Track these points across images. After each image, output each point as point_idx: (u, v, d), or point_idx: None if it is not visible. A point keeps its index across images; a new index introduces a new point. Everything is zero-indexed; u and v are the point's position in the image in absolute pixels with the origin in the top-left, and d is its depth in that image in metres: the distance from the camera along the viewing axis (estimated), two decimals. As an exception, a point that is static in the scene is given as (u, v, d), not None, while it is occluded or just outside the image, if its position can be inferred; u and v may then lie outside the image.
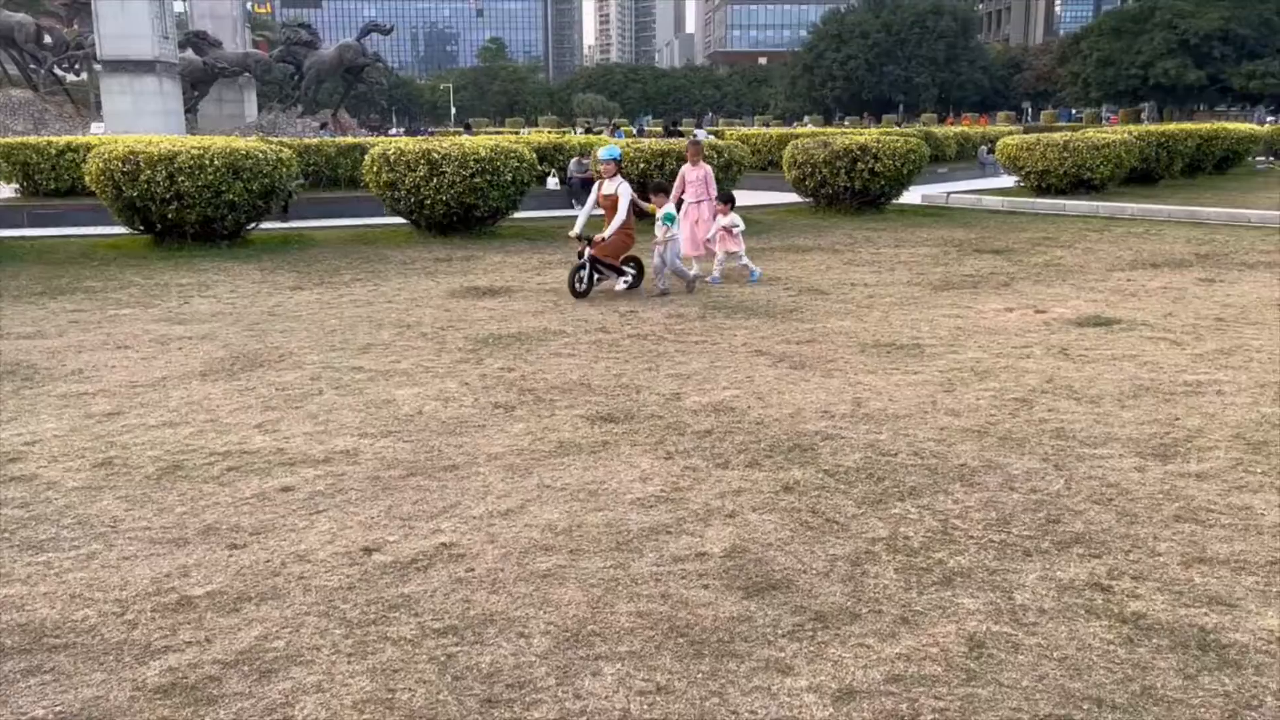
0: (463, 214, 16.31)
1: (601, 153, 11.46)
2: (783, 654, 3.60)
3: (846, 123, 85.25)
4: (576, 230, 11.12)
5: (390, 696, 3.36)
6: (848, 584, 4.13)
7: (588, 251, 10.90)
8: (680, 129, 40.65)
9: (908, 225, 18.30)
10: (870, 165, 19.11)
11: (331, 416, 6.62)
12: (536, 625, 3.82)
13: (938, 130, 39.66)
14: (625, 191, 11.01)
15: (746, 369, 7.78)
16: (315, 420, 6.53)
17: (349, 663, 3.58)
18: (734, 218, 12.26)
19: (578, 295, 10.85)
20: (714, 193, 12.60)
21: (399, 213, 16.70)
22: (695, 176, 12.64)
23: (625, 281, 11.36)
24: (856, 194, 19.64)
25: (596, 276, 11.08)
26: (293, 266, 13.50)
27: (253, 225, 15.83)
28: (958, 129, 43.15)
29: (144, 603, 4.01)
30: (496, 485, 5.34)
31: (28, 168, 19.09)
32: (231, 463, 5.71)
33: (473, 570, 4.31)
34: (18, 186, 19.84)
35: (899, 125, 67.83)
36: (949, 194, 23.24)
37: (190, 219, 14.52)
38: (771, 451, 5.79)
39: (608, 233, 10.85)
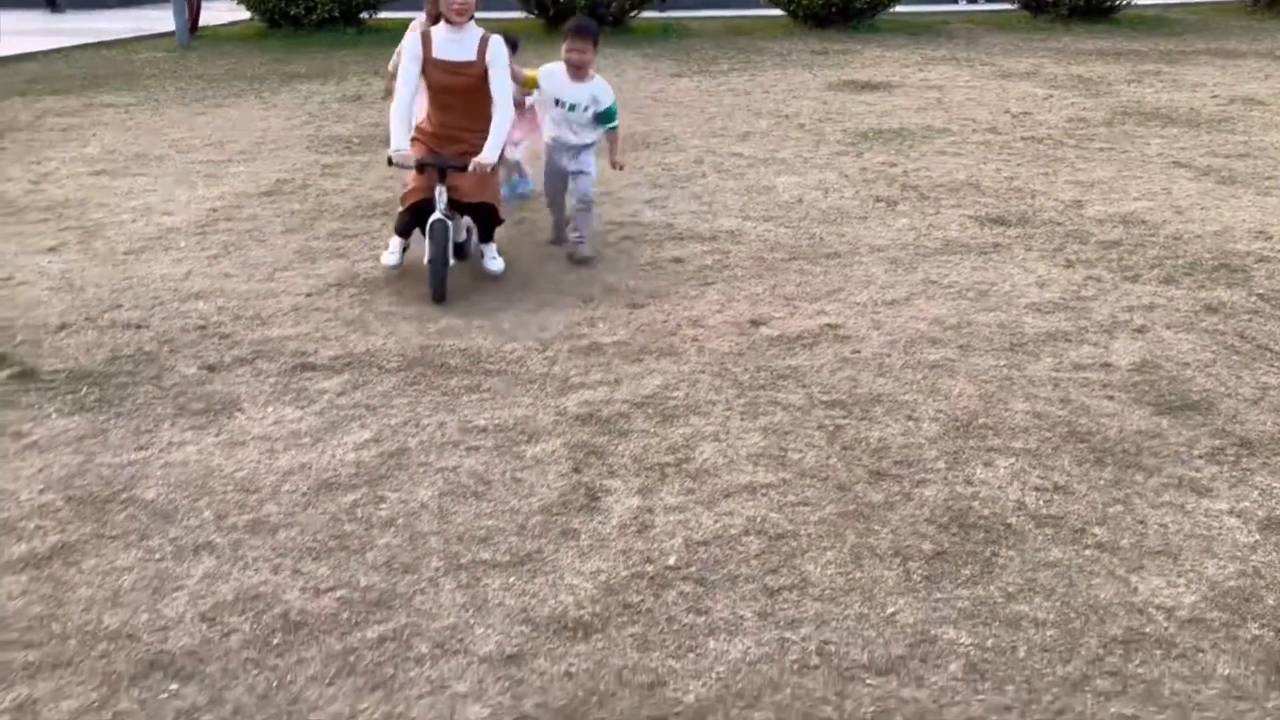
0: (841, 5, 15.60)
1: None
2: (1199, 475, 3.34)
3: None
4: None
5: (782, 454, 3.51)
6: (1282, 414, 3.71)
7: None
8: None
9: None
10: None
11: (715, 198, 6.76)
12: (925, 411, 3.80)
13: None
14: None
15: (1162, 180, 6.97)
16: (699, 200, 6.71)
17: (742, 419, 3.76)
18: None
19: None
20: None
21: (775, 3, 16.25)
22: None
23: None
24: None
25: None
26: (672, 54, 13.67)
27: (634, 12, 16.10)
28: None
29: (560, 344, 4.42)
30: (880, 276, 5.26)
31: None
32: (626, 232, 6.03)
33: (858, 352, 4.32)
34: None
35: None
36: None
37: (580, 4, 15.00)
38: (1191, 269, 5.22)
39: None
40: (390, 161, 4.85)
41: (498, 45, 4.90)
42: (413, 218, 4.98)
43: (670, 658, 2.54)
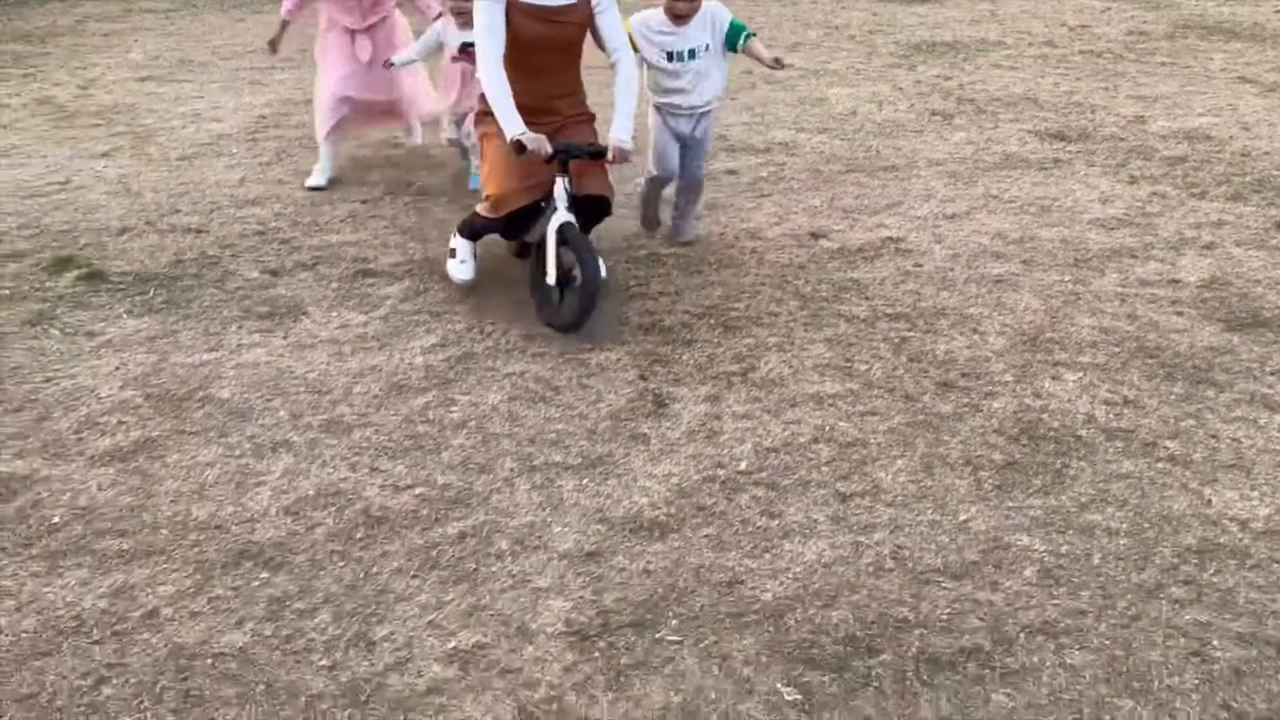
0: (891, -88, 15.04)
1: None
2: (1272, 391, 3.31)
3: None
4: None
5: (848, 365, 3.51)
6: (1356, 333, 3.66)
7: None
8: None
9: None
10: None
11: (766, 110, 6.64)
12: (991, 325, 3.77)
13: None
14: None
15: (1228, 96, 6.77)
16: (751, 112, 6.59)
17: (805, 330, 3.75)
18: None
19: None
20: None
21: (822, -90, 15.71)
22: None
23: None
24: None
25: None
26: (715, -37, 13.30)
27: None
28: None
29: (619, 255, 4.40)
30: (939, 190, 5.17)
31: None
32: (679, 143, 5.95)
33: (920, 266, 4.28)
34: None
35: None
36: None
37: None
38: (1260, 186, 5.09)
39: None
40: (521, 148, 3.49)
41: None
42: (511, 224, 3.85)
43: (746, 558, 2.58)
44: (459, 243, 4.01)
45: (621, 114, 3.73)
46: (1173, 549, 2.60)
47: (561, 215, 3.64)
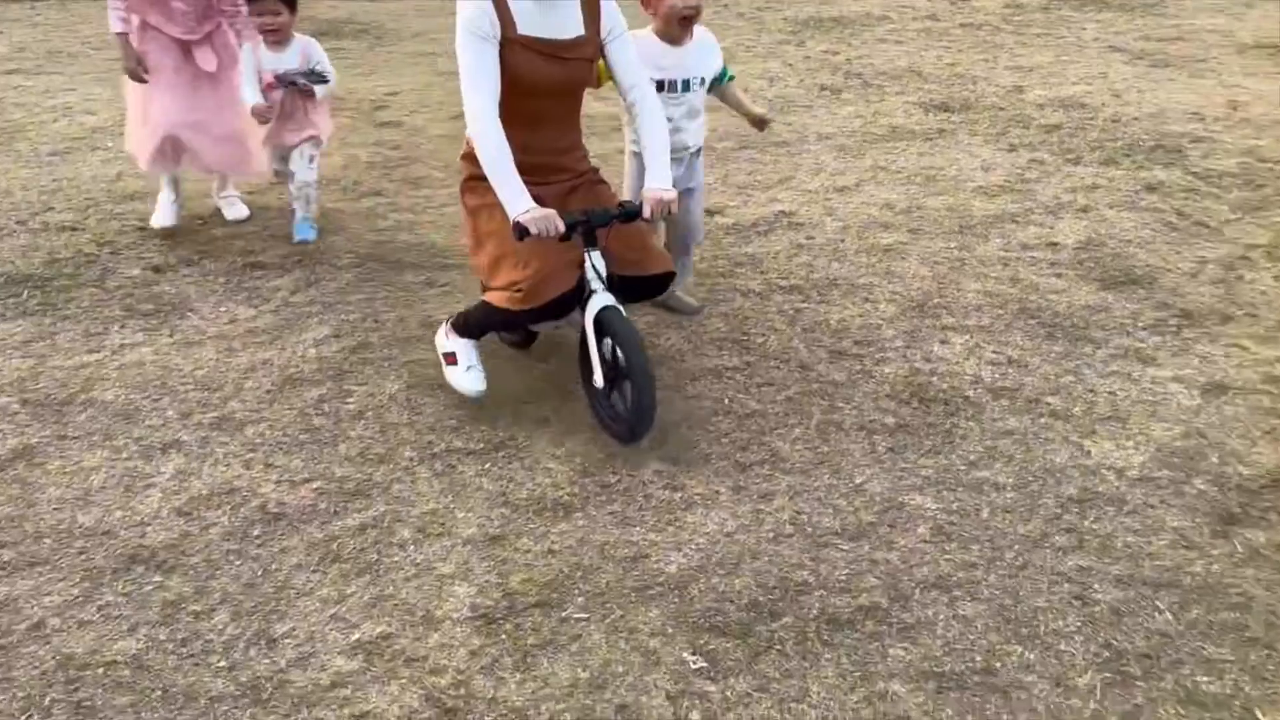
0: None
1: None
2: (1144, 345, 3.47)
3: None
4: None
5: (745, 339, 3.55)
6: (1219, 286, 3.85)
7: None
8: None
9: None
10: None
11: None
12: (881, 293, 3.86)
13: None
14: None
15: (1099, 65, 7.04)
16: (644, 91, 6.60)
17: (703, 306, 3.79)
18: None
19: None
20: None
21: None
22: None
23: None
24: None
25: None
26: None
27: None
28: None
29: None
30: (830, 163, 5.27)
31: None
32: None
33: (812, 239, 4.36)
34: None
35: None
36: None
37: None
38: (1130, 150, 5.32)
39: None
40: (522, 233, 2.73)
41: (613, 8, 3.00)
42: (538, 315, 2.93)
43: (650, 532, 2.61)
44: (458, 344, 3.14)
45: (659, 160, 2.99)
46: (1055, 500, 2.71)
47: (600, 299, 2.84)
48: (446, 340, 3.19)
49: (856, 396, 3.20)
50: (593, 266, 2.86)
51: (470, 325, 3.13)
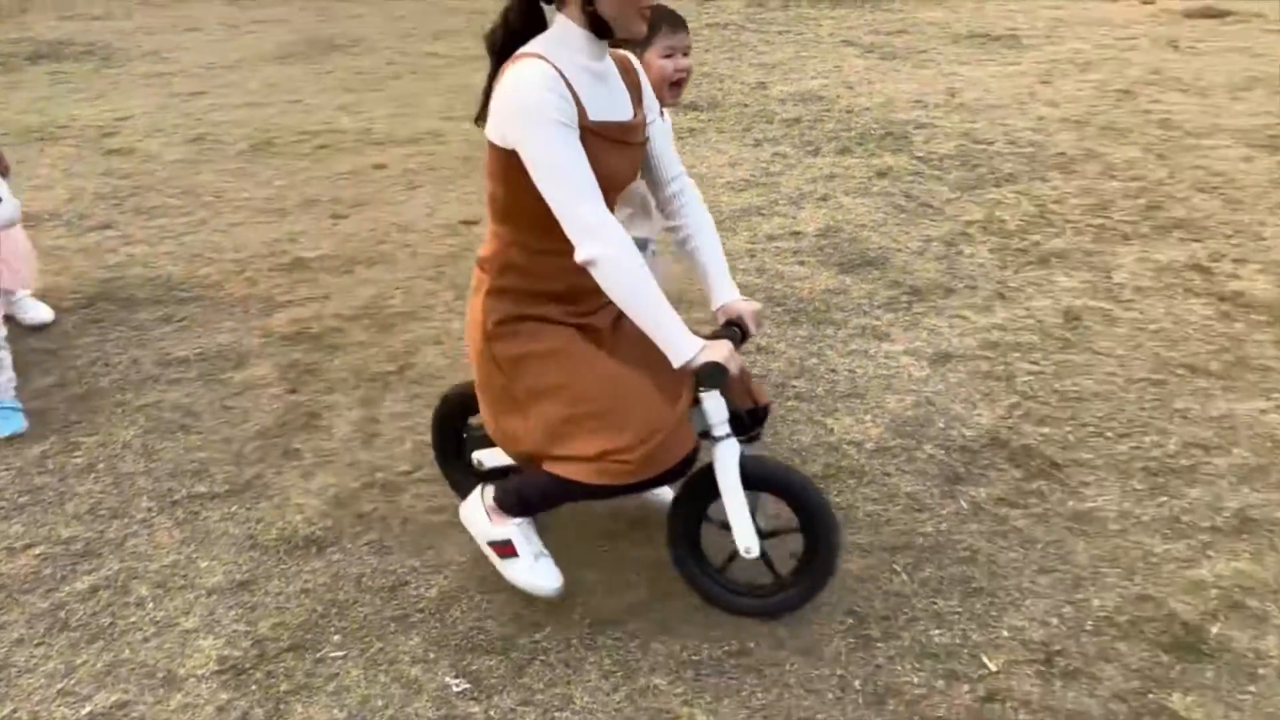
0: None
1: None
2: (879, 322, 3.70)
3: None
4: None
5: (504, 349, 3.54)
6: (942, 262, 4.16)
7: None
8: None
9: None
10: None
11: (413, 100, 6.55)
12: (637, 292, 3.93)
13: None
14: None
15: (835, 59, 7.47)
16: (398, 103, 6.48)
17: (461, 321, 3.74)
18: None
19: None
20: None
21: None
22: None
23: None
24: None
25: None
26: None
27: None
28: None
29: (260, 263, 4.19)
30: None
31: None
32: (322, 141, 5.74)
33: (570, 243, 4.39)
34: None
35: None
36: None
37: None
38: (863, 139, 5.67)
39: None
40: (700, 383, 2.15)
41: (647, 81, 2.34)
42: (647, 486, 2.17)
43: (409, 558, 2.55)
44: (511, 530, 2.35)
45: (723, 265, 2.45)
46: (803, 478, 2.84)
47: (730, 447, 2.23)
48: (490, 525, 2.37)
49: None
50: (719, 404, 2.22)
51: (529, 503, 2.35)
